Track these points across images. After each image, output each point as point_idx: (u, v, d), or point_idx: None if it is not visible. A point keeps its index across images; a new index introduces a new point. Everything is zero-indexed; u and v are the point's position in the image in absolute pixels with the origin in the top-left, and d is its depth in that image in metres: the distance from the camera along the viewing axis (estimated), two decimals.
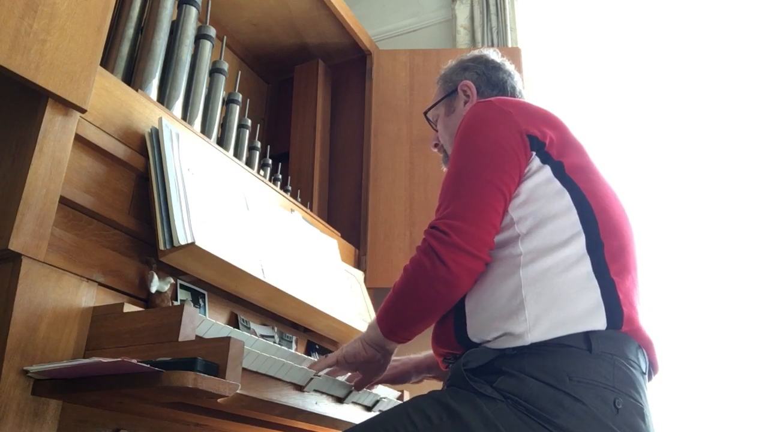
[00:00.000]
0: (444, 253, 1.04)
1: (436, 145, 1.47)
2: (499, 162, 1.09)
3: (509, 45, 2.68)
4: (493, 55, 1.45)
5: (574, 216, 1.08)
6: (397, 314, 1.13)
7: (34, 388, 1.02)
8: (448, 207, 1.08)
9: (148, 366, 0.88)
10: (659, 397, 1.99)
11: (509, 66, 1.45)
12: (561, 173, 1.11)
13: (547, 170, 1.11)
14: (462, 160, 1.13)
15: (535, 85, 2.63)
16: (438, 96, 1.46)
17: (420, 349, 1.40)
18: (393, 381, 1.39)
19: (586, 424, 0.92)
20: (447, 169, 1.18)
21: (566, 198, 1.09)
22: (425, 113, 1.48)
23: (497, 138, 1.12)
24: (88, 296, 1.15)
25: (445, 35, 2.99)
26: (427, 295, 1.07)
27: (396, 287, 1.12)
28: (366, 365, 1.24)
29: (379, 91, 2.59)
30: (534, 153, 1.12)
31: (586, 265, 1.04)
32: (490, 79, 1.40)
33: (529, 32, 2.79)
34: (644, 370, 1.05)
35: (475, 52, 1.47)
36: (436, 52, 2.65)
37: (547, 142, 1.13)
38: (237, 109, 2.02)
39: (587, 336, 0.98)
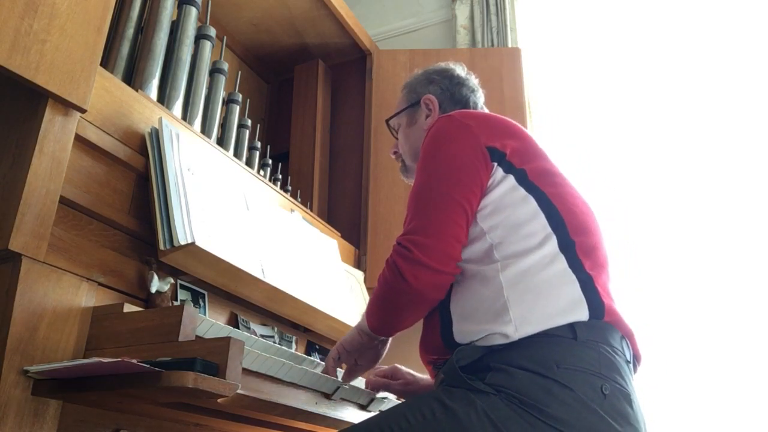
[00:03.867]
0: (406, 269, 1.08)
1: (395, 153, 1.49)
2: (460, 176, 1.13)
3: (509, 45, 2.68)
4: (459, 70, 1.47)
5: (542, 219, 1.11)
6: (378, 315, 1.19)
7: (34, 388, 1.02)
8: (411, 223, 1.13)
9: (148, 366, 0.88)
10: (651, 392, 2.00)
11: (473, 81, 1.47)
12: (524, 180, 1.14)
13: (510, 179, 1.14)
14: (423, 176, 1.17)
15: (535, 85, 2.63)
16: (401, 105, 1.48)
17: (415, 344, 1.42)
18: (404, 396, 1.40)
19: (576, 411, 0.94)
20: (413, 184, 1.21)
21: (532, 203, 1.12)
22: (387, 121, 1.50)
23: (457, 153, 1.15)
24: (88, 296, 1.15)
25: (445, 35, 3.00)
26: (396, 305, 1.14)
27: (374, 293, 1.18)
28: (364, 352, 1.28)
29: (379, 91, 2.59)
30: (495, 164, 1.15)
31: (562, 263, 1.07)
32: (454, 95, 1.42)
33: (529, 32, 2.78)
34: (629, 359, 1.07)
35: (442, 65, 1.49)
36: (436, 52, 2.64)
37: (508, 152, 1.16)
38: (237, 109, 2.02)
39: (572, 326, 1.01)
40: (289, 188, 2.29)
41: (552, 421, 0.93)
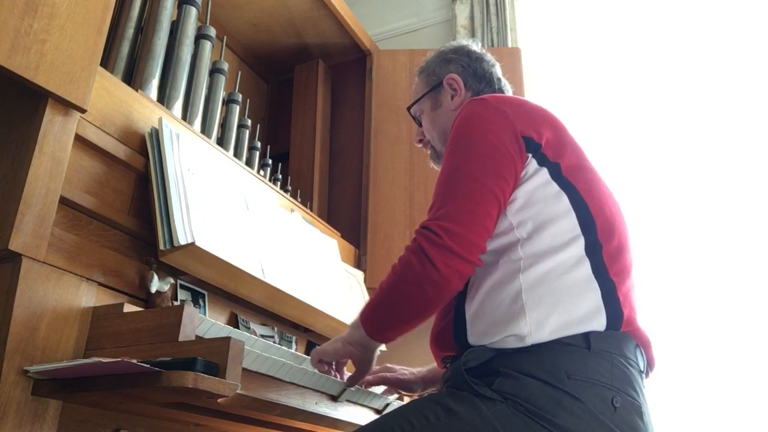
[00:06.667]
0: (435, 255, 1.02)
1: (420, 141, 1.44)
2: (496, 166, 1.08)
3: (509, 45, 2.68)
4: (473, 45, 1.43)
5: (572, 219, 1.07)
6: (384, 315, 1.11)
7: (34, 388, 1.02)
8: (442, 208, 1.06)
9: (148, 366, 0.88)
10: (658, 396, 2.00)
11: (489, 56, 1.42)
12: (558, 175, 1.10)
13: (544, 173, 1.10)
14: (457, 160, 1.11)
15: (535, 85, 2.63)
16: (421, 90, 1.42)
17: (413, 346, 1.41)
18: (399, 387, 1.39)
19: (585, 424, 0.93)
20: (441, 168, 1.16)
21: (564, 200, 1.08)
22: (408, 108, 1.44)
23: (493, 140, 1.10)
24: (88, 296, 1.15)
25: (445, 35, 2.99)
26: (415, 296, 1.05)
27: (383, 286, 1.10)
28: (352, 362, 1.23)
29: (379, 91, 2.59)
30: (530, 155, 1.10)
31: (586, 267, 1.04)
32: (476, 72, 1.38)
33: (529, 32, 2.79)
34: (642, 369, 1.05)
35: (454, 44, 1.44)
36: None
37: (544, 143, 1.11)
38: (237, 109, 2.02)
39: (586, 335, 0.99)
40: (289, 188, 2.29)
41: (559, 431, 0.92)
